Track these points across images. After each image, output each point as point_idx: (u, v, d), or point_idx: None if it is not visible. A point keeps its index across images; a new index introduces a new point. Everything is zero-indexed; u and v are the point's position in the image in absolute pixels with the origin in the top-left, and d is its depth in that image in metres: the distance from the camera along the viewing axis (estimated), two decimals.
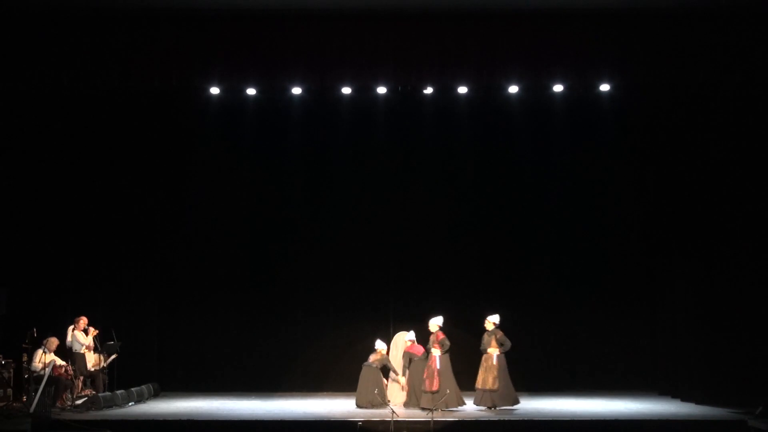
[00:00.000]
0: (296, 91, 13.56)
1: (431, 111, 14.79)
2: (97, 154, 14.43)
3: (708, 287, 13.11)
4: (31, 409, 11.38)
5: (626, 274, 15.09)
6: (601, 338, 14.98)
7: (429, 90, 13.70)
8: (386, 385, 12.89)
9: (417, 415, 11.57)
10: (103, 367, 13.12)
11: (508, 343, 12.57)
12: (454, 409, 12.20)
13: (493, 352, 12.48)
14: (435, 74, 12.68)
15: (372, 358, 12.88)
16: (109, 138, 14.43)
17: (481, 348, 12.66)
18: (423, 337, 13.09)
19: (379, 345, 13.03)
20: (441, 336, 12.61)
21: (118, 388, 13.04)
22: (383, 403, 12.13)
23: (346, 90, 13.48)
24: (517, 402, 12.44)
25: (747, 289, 12.78)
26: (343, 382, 14.48)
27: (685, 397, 13.23)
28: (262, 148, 15.26)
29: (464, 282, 15.06)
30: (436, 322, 12.77)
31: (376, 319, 13.93)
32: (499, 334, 12.64)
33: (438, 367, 12.33)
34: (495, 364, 12.41)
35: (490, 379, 12.36)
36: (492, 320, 12.78)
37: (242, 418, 11.76)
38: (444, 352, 12.48)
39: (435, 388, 12.23)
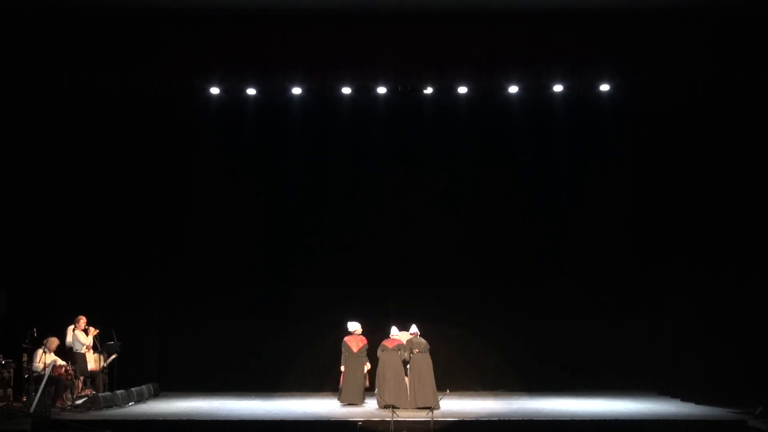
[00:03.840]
0: (296, 91, 13.58)
1: (431, 111, 14.79)
2: (97, 154, 14.43)
3: (708, 287, 13.13)
4: (31, 409, 11.38)
5: (626, 274, 15.07)
6: (601, 338, 14.96)
7: (429, 90, 13.71)
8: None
9: (417, 415, 11.57)
10: (103, 367, 13.13)
11: None
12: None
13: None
14: (435, 74, 12.71)
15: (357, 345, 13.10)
16: (109, 138, 14.42)
17: None
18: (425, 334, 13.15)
19: (353, 326, 13.28)
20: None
21: (118, 388, 13.04)
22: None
23: (346, 90, 13.50)
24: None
25: (747, 289, 12.79)
26: None
27: (685, 397, 13.23)
28: (262, 149, 15.25)
29: (464, 282, 15.05)
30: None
31: (376, 319, 13.92)
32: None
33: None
34: None
35: None
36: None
37: (242, 418, 11.76)
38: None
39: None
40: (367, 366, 13.09)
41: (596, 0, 12.04)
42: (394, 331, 13.04)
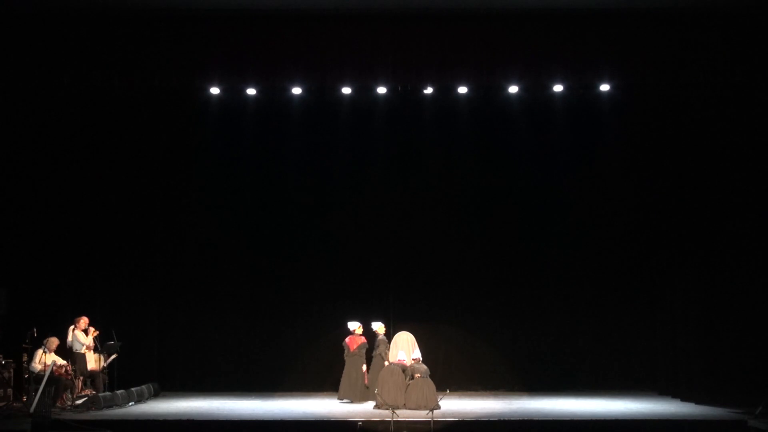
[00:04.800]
0: (296, 91, 13.56)
1: (431, 111, 14.78)
2: (97, 154, 14.43)
3: (708, 287, 13.12)
4: (31, 409, 11.38)
5: (626, 273, 15.07)
6: (601, 338, 14.97)
7: (429, 90, 13.70)
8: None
9: (417, 415, 11.56)
10: (103, 367, 13.13)
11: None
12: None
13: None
14: (435, 74, 12.68)
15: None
16: (109, 138, 14.43)
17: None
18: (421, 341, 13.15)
19: (353, 325, 13.57)
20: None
21: (118, 388, 13.03)
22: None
23: (346, 90, 13.48)
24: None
25: (747, 288, 12.79)
26: None
27: (685, 397, 13.23)
28: (262, 148, 15.25)
29: (464, 282, 15.06)
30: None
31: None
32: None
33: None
34: None
35: None
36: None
37: (242, 418, 11.74)
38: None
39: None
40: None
41: (596, 0, 12.03)
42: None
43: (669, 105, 13.78)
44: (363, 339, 13.40)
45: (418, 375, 12.59)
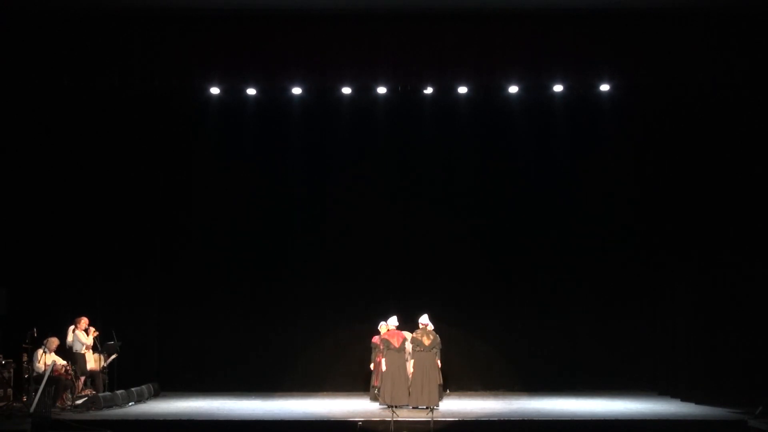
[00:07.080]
0: (296, 91, 13.57)
1: (431, 111, 14.80)
2: (97, 154, 14.43)
3: (708, 287, 13.13)
4: (31, 409, 11.38)
5: (626, 273, 15.08)
6: (601, 338, 14.97)
7: (429, 90, 13.71)
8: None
9: (417, 415, 11.57)
10: (103, 367, 13.13)
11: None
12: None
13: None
14: (435, 74, 12.70)
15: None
16: (109, 138, 14.42)
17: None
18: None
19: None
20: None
21: (118, 388, 13.04)
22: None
23: (346, 90, 13.49)
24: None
25: (747, 289, 12.80)
26: (343, 382, 14.53)
27: (685, 397, 13.23)
28: (262, 148, 15.26)
29: (464, 282, 15.06)
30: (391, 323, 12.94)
31: (376, 319, 13.90)
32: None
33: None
34: None
35: None
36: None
37: (242, 418, 11.76)
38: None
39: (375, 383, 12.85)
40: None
41: (596, 0, 12.04)
42: (393, 321, 12.93)
43: (669, 105, 13.78)
44: (375, 339, 13.29)
45: (420, 349, 12.24)
